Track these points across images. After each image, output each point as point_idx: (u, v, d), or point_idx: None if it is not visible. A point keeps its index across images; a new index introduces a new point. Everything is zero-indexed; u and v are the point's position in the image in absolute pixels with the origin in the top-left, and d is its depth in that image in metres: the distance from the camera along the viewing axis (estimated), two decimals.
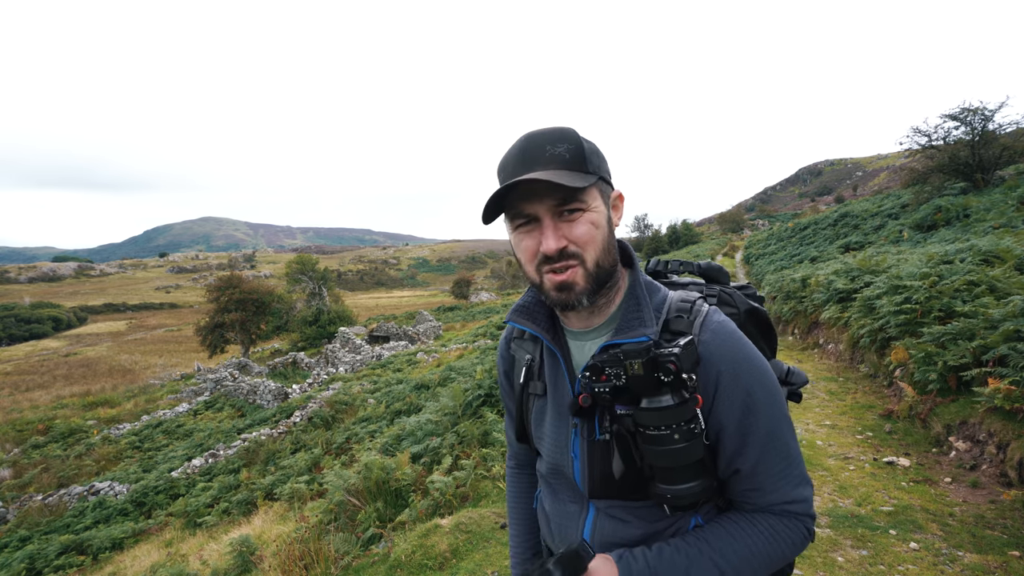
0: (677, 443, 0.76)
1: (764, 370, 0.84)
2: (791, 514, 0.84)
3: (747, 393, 0.81)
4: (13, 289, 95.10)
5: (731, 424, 0.82)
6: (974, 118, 13.65)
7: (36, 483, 13.02)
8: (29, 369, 36.19)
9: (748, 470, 0.83)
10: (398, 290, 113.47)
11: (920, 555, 2.67)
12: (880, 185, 59.70)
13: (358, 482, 4.68)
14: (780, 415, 0.84)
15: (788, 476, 0.83)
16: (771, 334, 1.03)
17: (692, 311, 0.85)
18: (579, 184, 0.76)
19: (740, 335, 0.85)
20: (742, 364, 0.82)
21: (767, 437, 0.82)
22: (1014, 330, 3.78)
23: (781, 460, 0.83)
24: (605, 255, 0.82)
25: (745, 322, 0.95)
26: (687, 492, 0.78)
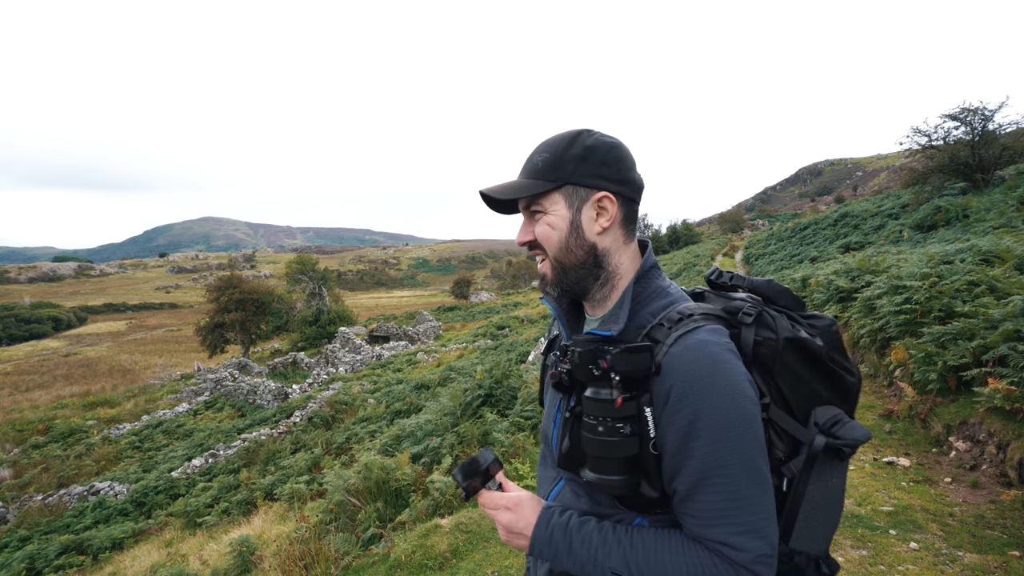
0: (601, 435, 0.82)
1: (726, 398, 0.77)
2: (725, 558, 0.76)
3: (694, 416, 0.77)
4: (13, 289, 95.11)
5: (671, 443, 0.79)
6: (974, 118, 13.66)
7: (36, 483, 13.03)
8: (29, 369, 36.19)
9: (684, 494, 0.80)
10: (398, 290, 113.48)
11: (920, 555, 2.67)
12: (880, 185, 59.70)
13: (358, 482, 4.68)
14: (733, 452, 0.76)
15: (730, 519, 0.76)
16: (827, 373, 0.88)
17: (678, 324, 0.83)
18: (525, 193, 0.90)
19: (716, 358, 0.78)
20: (696, 385, 0.77)
21: (709, 469, 0.76)
22: (1014, 330, 3.78)
23: (723, 499, 0.76)
24: (564, 254, 0.91)
25: (782, 352, 0.84)
26: (606, 483, 0.83)
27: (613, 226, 0.91)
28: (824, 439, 0.82)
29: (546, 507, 0.92)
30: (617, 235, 0.92)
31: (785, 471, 0.85)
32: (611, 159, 0.89)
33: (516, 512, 0.92)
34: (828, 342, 0.89)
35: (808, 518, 0.84)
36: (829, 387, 0.88)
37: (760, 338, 0.85)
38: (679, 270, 23.09)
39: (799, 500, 0.83)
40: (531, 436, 4.97)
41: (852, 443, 0.82)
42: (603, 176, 0.89)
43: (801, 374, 0.86)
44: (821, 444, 0.82)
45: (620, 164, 0.90)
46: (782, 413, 0.85)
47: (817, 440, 0.82)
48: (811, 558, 0.86)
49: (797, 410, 0.85)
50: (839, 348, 0.91)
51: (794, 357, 0.85)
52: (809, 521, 0.84)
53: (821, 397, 0.87)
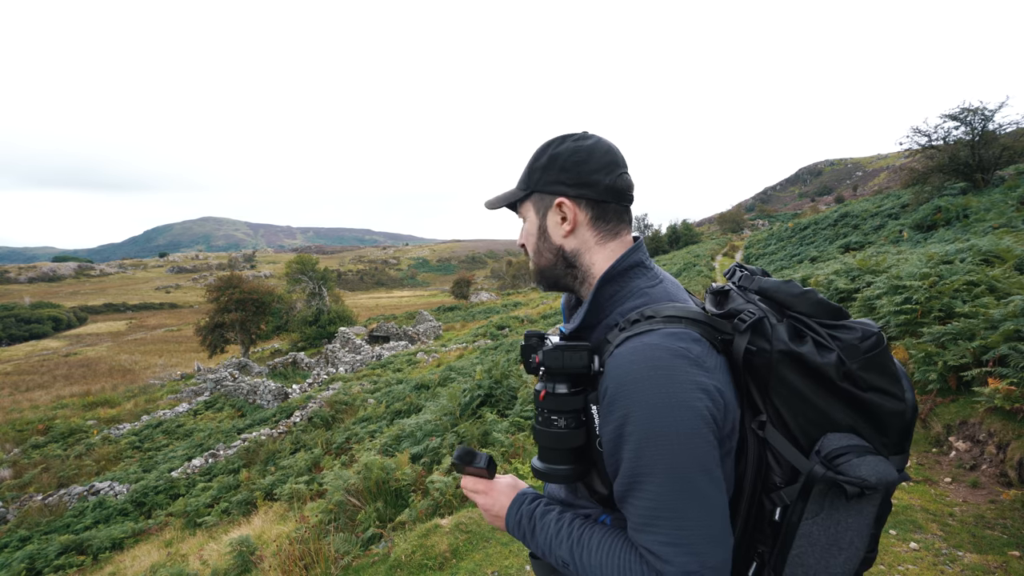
0: (540, 425, 0.87)
1: (657, 404, 0.72)
2: (653, 568, 0.73)
3: (623, 420, 0.75)
4: (13, 289, 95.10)
5: (607, 443, 0.79)
6: (974, 118, 13.66)
7: (36, 483, 13.02)
8: (29, 369, 36.18)
9: (619, 495, 0.79)
10: (398, 290, 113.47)
11: (920, 555, 2.67)
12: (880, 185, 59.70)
13: (358, 482, 4.68)
14: (660, 461, 0.72)
15: (657, 528, 0.72)
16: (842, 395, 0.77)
17: (633, 325, 0.81)
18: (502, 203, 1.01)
19: (656, 362, 0.74)
20: (628, 388, 0.74)
21: (636, 475, 0.74)
22: (1014, 330, 3.78)
23: (649, 507, 0.73)
24: (537, 256, 0.98)
25: (777, 366, 0.77)
26: (552, 472, 0.87)
27: (579, 228, 0.93)
28: (822, 471, 0.74)
29: (520, 493, 0.96)
30: (586, 236, 0.93)
31: (776, 498, 0.79)
32: (570, 164, 0.91)
33: (491, 496, 0.97)
34: (854, 359, 0.77)
35: (805, 555, 0.78)
36: (848, 411, 0.78)
37: (754, 347, 0.79)
38: (679, 270, 23.09)
39: (792, 531, 0.78)
40: (530, 436, 4.97)
41: (855, 481, 0.72)
42: (561, 182, 0.92)
43: (804, 393, 0.77)
44: (818, 475, 0.74)
45: (581, 168, 0.91)
46: (778, 435, 0.79)
47: (815, 470, 0.75)
48: None
49: (800, 433, 0.78)
50: (874, 366, 0.78)
51: (792, 374, 0.77)
52: (807, 559, 0.78)
53: (836, 421, 0.77)
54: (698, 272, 20.20)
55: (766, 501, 0.80)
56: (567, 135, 0.95)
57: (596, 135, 0.95)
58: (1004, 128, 13.43)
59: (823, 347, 0.78)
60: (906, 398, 0.79)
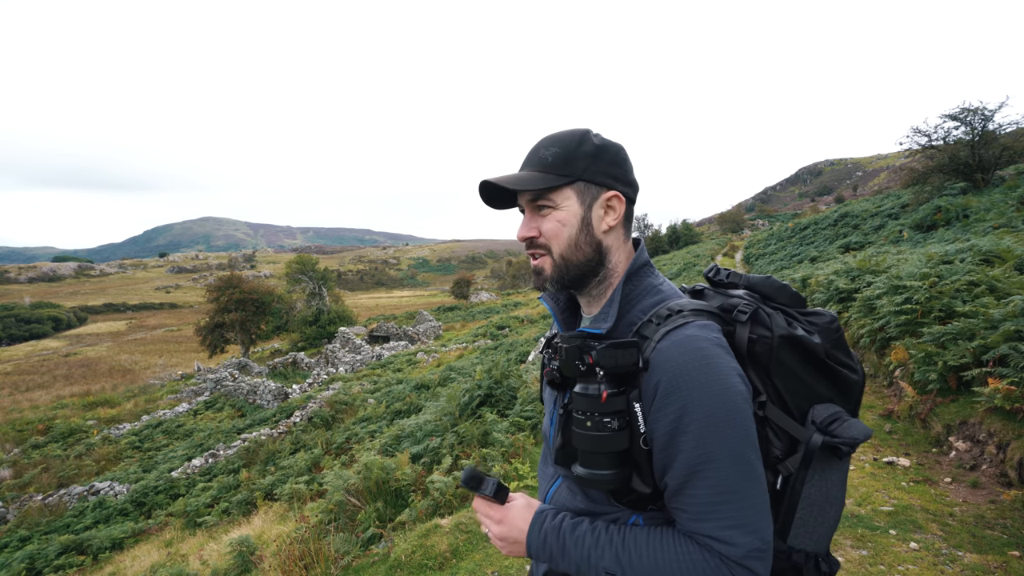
0: (589, 430, 0.83)
1: (714, 392, 0.77)
2: (715, 552, 0.76)
3: (681, 411, 0.77)
4: (13, 289, 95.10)
5: (660, 438, 0.80)
6: (974, 118, 13.66)
7: (36, 483, 13.02)
8: (29, 369, 36.18)
9: (674, 489, 0.80)
10: (398, 290, 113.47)
11: (920, 555, 2.67)
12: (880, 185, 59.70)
13: (358, 482, 4.68)
14: (721, 446, 0.76)
15: (720, 513, 0.76)
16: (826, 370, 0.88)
17: (667, 320, 0.84)
18: (539, 186, 0.88)
19: (704, 353, 0.78)
20: (684, 379, 0.77)
21: (697, 463, 0.77)
22: (1014, 330, 3.78)
23: (712, 493, 0.76)
24: (572, 251, 0.90)
25: (778, 350, 0.84)
26: (598, 478, 0.83)
27: (618, 225, 0.93)
28: (821, 437, 0.83)
29: (539, 512, 0.92)
30: (619, 234, 0.94)
31: (782, 469, 0.85)
32: (619, 159, 0.91)
33: (505, 523, 0.92)
34: (828, 339, 0.89)
35: (806, 516, 0.85)
36: (829, 384, 0.89)
37: (755, 336, 0.85)
38: (679, 270, 23.09)
39: (796, 498, 0.84)
40: (531, 436, 4.97)
41: (850, 442, 0.82)
42: (614, 176, 0.90)
43: (798, 372, 0.86)
44: (818, 442, 0.83)
45: (626, 165, 0.93)
46: (778, 411, 0.85)
47: (814, 438, 0.83)
48: (810, 555, 0.87)
49: (795, 408, 0.86)
50: (840, 345, 0.91)
51: (790, 355, 0.85)
52: (807, 519, 0.85)
53: (820, 395, 0.88)
54: (698, 272, 20.20)
55: (768, 474, 0.85)
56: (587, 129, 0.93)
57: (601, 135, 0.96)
58: (1004, 128, 13.42)
59: (808, 330, 0.88)
60: (859, 370, 0.92)
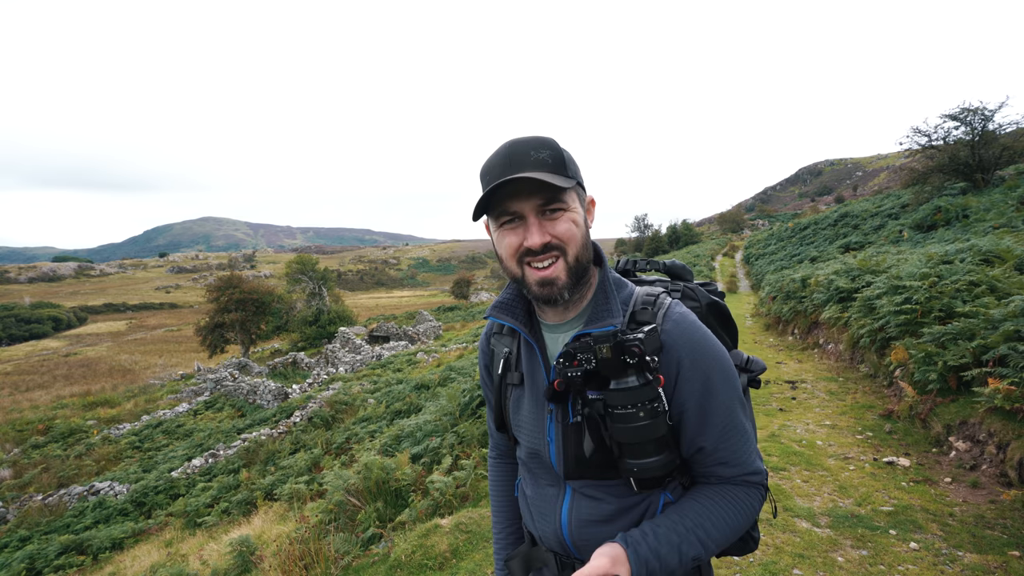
0: (642, 420, 0.84)
1: (722, 357, 0.93)
2: (751, 484, 0.94)
3: (706, 377, 0.90)
4: (13, 289, 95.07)
5: (692, 406, 0.90)
6: (974, 118, 13.65)
7: (36, 483, 13.02)
8: (29, 369, 36.18)
9: (711, 447, 0.92)
10: (398, 290, 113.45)
11: (920, 555, 2.67)
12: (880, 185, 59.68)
13: (358, 482, 4.68)
14: (736, 398, 0.93)
15: (747, 451, 0.93)
16: (730, 325, 1.11)
17: (656, 304, 0.94)
18: (564, 185, 0.85)
19: (700, 325, 0.93)
20: (701, 351, 0.90)
21: (727, 418, 0.91)
22: (1014, 330, 3.77)
23: (740, 438, 0.92)
24: (583, 251, 0.92)
25: (707, 314, 1.04)
26: (652, 465, 0.86)
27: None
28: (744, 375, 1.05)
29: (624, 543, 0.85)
30: None
31: None
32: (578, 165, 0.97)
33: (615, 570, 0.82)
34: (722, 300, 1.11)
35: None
36: (728, 336, 1.09)
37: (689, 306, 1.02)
38: None
39: None
40: None
41: (759, 371, 1.09)
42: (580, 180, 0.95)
43: (717, 329, 1.05)
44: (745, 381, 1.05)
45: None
46: None
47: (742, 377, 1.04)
48: None
49: None
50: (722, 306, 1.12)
51: (712, 317, 1.06)
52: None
53: (726, 343, 1.07)
54: (698, 272, 20.20)
55: None
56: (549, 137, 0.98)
57: None
58: (1004, 128, 13.42)
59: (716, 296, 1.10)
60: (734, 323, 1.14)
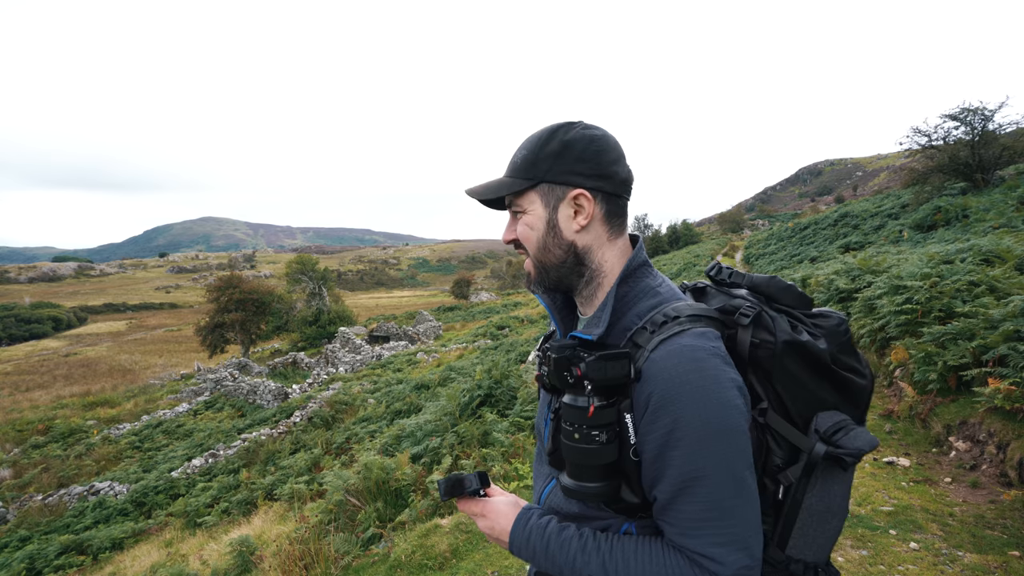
0: (577, 443, 0.80)
1: (708, 405, 0.73)
2: (704, 569, 0.75)
3: (674, 423, 0.74)
4: (13, 289, 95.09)
5: (650, 450, 0.77)
6: (974, 118, 13.65)
7: (36, 483, 13.03)
8: (29, 369, 36.19)
9: (663, 502, 0.78)
10: (398, 290, 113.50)
11: (920, 555, 2.67)
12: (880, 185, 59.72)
13: (358, 482, 4.68)
14: (714, 462, 0.73)
15: (710, 530, 0.74)
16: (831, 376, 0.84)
17: (662, 327, 0.80)
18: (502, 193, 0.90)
19: (700, 365, 0.75)
20: (677, 393, 0.74)
21: (688, 478, 0.74)
22: (1014, 330, 3.77)
23: (703, 509, 0.74)
24: (543, 253, 0.90)
25: (781, 355, 0.80)
26: (584, 490, 0.82)
27: (593, 223, 0.88)
28: (824, 447, 0.80)
29: (525, 509, 0.92)
30: (599, 232, 0.89)
31: (782, 478, 0.82)
32: (589, 154, 0.86)
33: (490, 518, 0.93)
34: (835, 343, 0.85)
35: (806, 526, 0.83)
36: (834, 391, 0.84)
37: (757, 340, 0.82)
38: (679, 270, 23.10)
39: (796, 508, 0.81)
40: (530, 436, 4.97)
41: (854, 453, 0.79)
42: (579, 172, 0.86)
43: (801, 379, 0.82)
44: (821, 452, 0.80)
45: (600, 158, 0.86)
46: (780, 419, 0.82)
47: (817, 448, 0.80)
48: (809, 566, 0.84)
49: (797, 415, 0.83)
50: (848, 349, 0.86)
51: (793, 361, 0.81)
52: (807, 529, 0.83)
53: (825, 402, 0.84)
54: (698, 272, 20.21)
55: (768, 483, 0.83)
56: (572, 122, 0.88)
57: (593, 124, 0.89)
58: (1004, 128, 13.41)
59: (813, 335, 0.84)
60: (867, 375, 0.88)
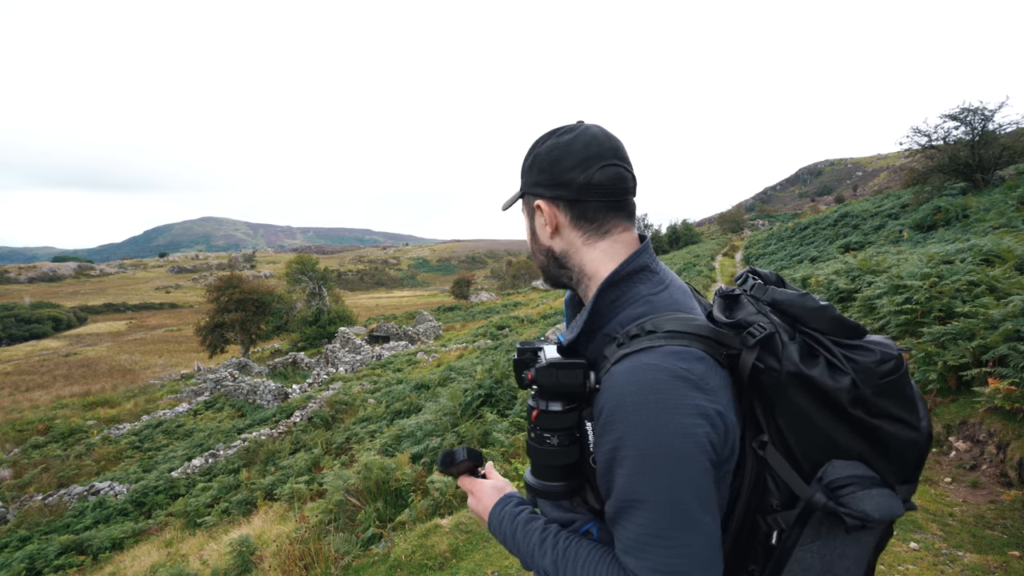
0: (532, 441, 0.83)
1: (654, 429, 0.69)
2: None
3: (618, 442, 0.71)
4: (13, 289, 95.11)
5: (601, 463, 0.76)
6: (974, 118, 13.66)
7: (36, 483, 13.02)
8: (29, 369, 36.18)
9: (610, 517, 0.75)
10: (398, 290, 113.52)
11: (920, 555, 2.67)
12: (880, 185, 59.71)
13: (358, 482, 4.68)
14: (655, 488, 0.69)
15: (647, 554, 0.69)
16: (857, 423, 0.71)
17: (632, 340, 0.75)
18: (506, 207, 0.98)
19: (655, 387, 0.70)
20: (624, 411, 0.71)
21: (628, 499, 0.71)
22: (1014, 330, 3.77)
23: (641, 532, 0.70)
24: (533, 256, 0.97)
25: (785, 387, 0.73)
26: (545, 488, 0.84)
27: (563, 229, 0.89)
28: (824, 499, 0.71)
29: (507, 495, 0.97)
30: (571, 238, 0.89)
31: (772, 521, 0.76)
32: (546, 164, 0.87)
33: (477, 497, 1.00)
34: (870, 383, 0.71)
35: None
36: (860, 439, 0.72)
37: (762, 364, 0.74)
38: (679, 270, 23.09)
39: (785, 556, 0.75)
40: None
41: (857, 515, 0.68)
42: (540, 183, 0.89)
43: (811, 417, 0.72)
44: (818, 504, 0.71)
45: (555, 167, 0.86)
46: (779, 457, 0.75)
47: (816, 498, 0.71)
48: None
49: (803, 456, 0.74)
50: (889, 392, 0.72)
51: (801, 397, 0.72)
52: None
53: (843, 448, 0.72)
54: (698, 272, 20.21)
55: (761, 522, 0.77)
56: (555, 130, 0.90)
57: (583, 125, 0.89)
58: (1004, 128, 13.43)
59: (837, 369, 0.72)
60: (921, 427, 0.74)
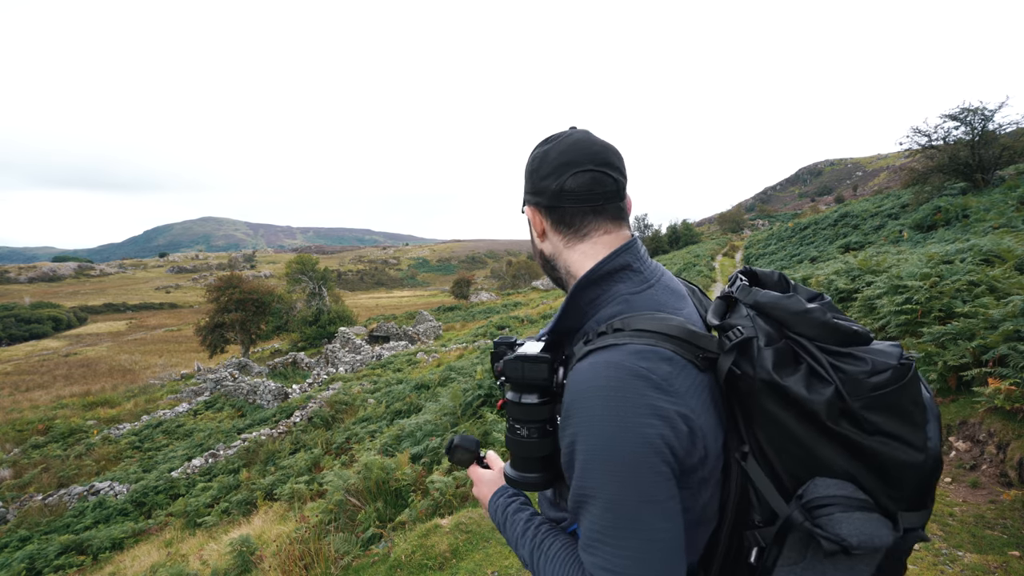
0: (508, 432, 0.86)
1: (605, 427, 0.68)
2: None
3: (573, 437, 0.72)
4: (13, 289, 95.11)
5: (563, 458, 0.77)
6: (974, 118, 13.66)
7: (36, 483, 13.02)
8: (29, 369, 36.17)
9: (571, 511, 0.75)
10: (398, 290, 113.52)
11: (920, 555, 2.67)
12: (880, 185, 59.71)
13: (358, 482, 4.68)
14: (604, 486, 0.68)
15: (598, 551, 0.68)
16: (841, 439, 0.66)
17: (599, 337, 0.75)
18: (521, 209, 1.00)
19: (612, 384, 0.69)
20: (580, 407, 0.71)
21: (581, 495, 0.71)
22: (1014, 330, 3.78)
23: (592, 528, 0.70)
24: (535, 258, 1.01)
25: (760, 395, 0.69)
26: (522, 480, 0.87)
27: (548, 234, 0.92)
28: (800, 518, 0.66)
29: (501, 487, 1.02)
30: (555, 241, 0.91)
31: (751, 537, 0.74)
32: (529, 173, 0.92)
33: (478, 485, 1.07)
34: (858, 396, 0.65)
35: None
36: (849, 456, 0.66)
37: (738, 370, 0.72)
38: (679, 270, 23.07)
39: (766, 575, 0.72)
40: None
41: (832, 538, 0.64)
42: (528, 191, 0.94)
43: (791, 431, 0.68)
44: (795, 521, 0.67)
45: (535, 176, 0.90)
46: (759, 471, 0.72)
47: (795, 515, 0.67)
48: None
49: (786, 473, 0.70)
50: (883, 406, 0.65)
51: (776, 406, 0.68)
52: None
53: (830, 466, 0.67)
54: (698, 272, 20.20)
55: (745, 537, 0.75)
56: (546, 139, 0.92)
57: (566, 133, 0.89)
58: (1004, 128, 13.42)
59: (819, 379, 0.67)
60: (927, 447, 0.66)
